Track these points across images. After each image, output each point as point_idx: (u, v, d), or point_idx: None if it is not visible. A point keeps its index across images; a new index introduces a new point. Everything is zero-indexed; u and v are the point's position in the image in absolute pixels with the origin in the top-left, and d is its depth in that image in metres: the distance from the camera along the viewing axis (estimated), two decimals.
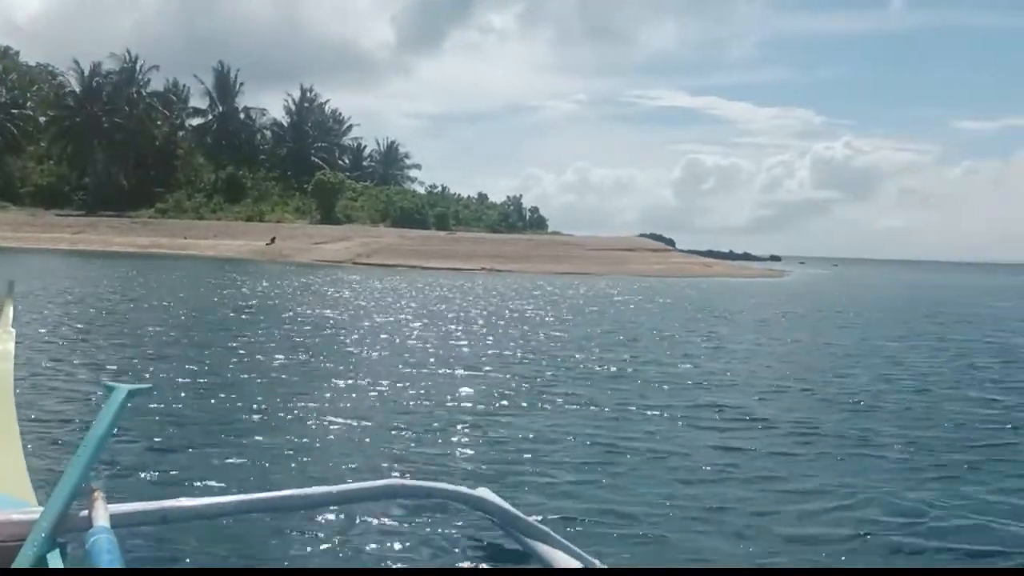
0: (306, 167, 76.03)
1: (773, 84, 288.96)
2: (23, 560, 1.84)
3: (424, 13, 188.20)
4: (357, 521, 4.31)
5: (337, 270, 39.08)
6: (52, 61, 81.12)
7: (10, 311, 4.15)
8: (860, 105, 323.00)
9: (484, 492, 3.05)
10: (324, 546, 4.04)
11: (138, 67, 74.19)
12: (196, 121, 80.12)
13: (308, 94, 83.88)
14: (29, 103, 75.72)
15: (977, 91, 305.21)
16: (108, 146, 70.67)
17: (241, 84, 78.07)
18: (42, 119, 74.61)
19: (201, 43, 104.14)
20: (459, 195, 79.32)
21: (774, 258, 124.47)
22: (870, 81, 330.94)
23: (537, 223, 77.76)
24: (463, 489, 2.83)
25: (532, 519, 2.69)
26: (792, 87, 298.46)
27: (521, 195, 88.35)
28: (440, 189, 78.19)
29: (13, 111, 73.10)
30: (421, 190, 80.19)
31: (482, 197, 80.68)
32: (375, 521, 4.31)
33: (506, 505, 2.83)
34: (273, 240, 53.97)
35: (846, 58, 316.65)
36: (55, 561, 1.91)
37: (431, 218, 69.21)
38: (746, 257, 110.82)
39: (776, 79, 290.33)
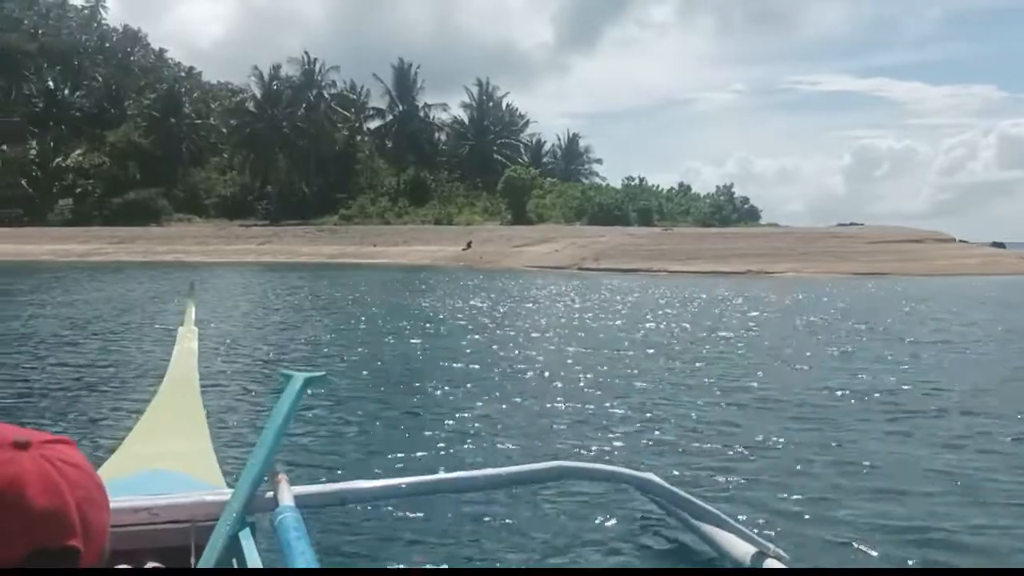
0: (488, 165, 71.03)
1: (946, 61, 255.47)
2: (218, 537, 1.93)
3: (583, 11, 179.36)
4: (526, 503, 4.19)
5: (574, 279, 31.82)
6: (231, 79, 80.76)
7: (192, 311, 4.23)
8: None
9: (651, 475, 2.80)
10: (493, 528, 3.90)
11: (317, 68, 70.91)
12: (375, 123, 76.46)
13: (486, 89, 78.47)
14: (212, 117, 74.64)
15: None
16: (290, 152, 67.69)
17: (423, 81, 73.42)
18: (224, 130, 73.02)
19: (362, 53, 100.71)
20: (659, 187, 70.61)
21: (997, 244, 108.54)
22: None
23: (749, 214, 68.30)
24: (630, 471, 2.71)
25: (702, 503, 2.42)
26: (967, 63, 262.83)
27: (732, 183, 78.71)
28: (638, 181, 69.86)
29: (196, 121, 71.93)
30: (616, 184, 72.17)
31: (684, 188, 71.61)
32: (544, 503, 4.20)
33: (675, 488, 2.67)
34: (470, 245, 47.86)
35: None
36: (246, 538, 2.00)
37: (632, 213, 61.35)
38: (964, 244, 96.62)
39: (949, 55, 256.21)
